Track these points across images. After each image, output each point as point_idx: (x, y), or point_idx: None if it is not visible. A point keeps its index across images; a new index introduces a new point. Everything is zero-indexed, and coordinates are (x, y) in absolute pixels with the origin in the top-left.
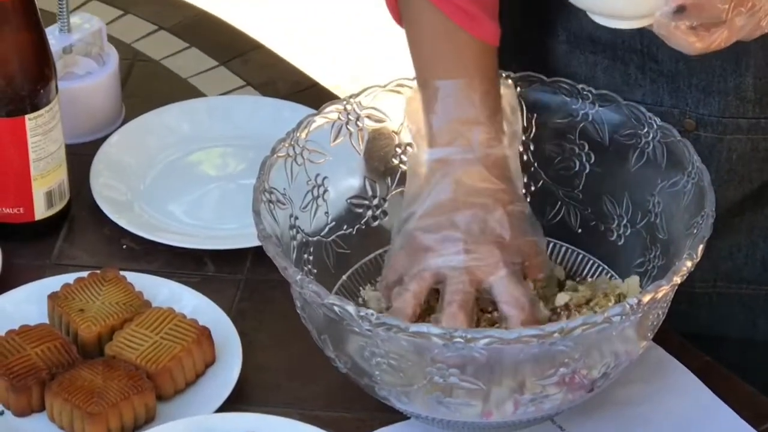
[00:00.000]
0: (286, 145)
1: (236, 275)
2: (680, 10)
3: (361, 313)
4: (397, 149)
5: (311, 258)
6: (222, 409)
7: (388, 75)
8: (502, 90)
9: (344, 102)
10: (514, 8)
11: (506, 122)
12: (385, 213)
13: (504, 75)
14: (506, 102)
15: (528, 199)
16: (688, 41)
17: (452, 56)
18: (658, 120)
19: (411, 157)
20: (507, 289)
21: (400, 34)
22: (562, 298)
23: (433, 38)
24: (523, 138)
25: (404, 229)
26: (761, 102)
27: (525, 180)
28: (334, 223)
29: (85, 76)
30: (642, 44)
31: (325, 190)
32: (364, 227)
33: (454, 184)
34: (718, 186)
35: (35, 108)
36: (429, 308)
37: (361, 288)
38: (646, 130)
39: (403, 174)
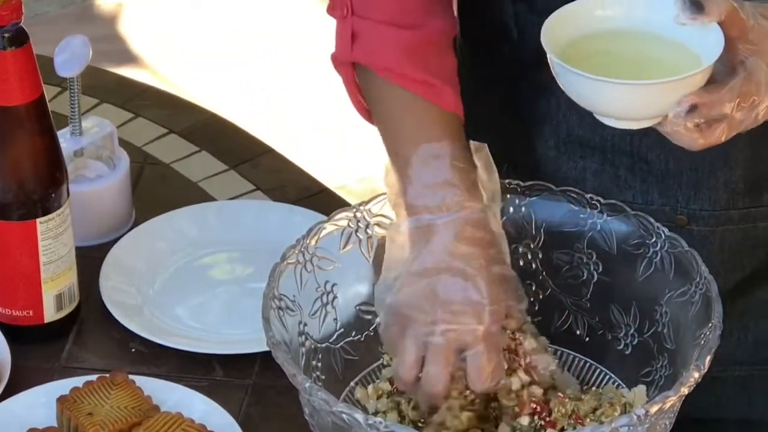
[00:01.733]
0: (296, 251)
1: (244, 380)
2: (692, 110)
3: (370, 422)
4: None
5: (320, 364)
6: None
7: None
8: (475, 152)
9: (354, 209)
10: (503, 115)
11: (482, 184)
12: None
13: (512, 184)
14: (481, 165)
15: (536, 307)
16: (692, 138)
17: (418, 124)
18: (666, 230)
19: (390, 227)
20: (478, 368)
21: None
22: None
23: (398, 111)
24: (531, 245)
25: (387, 302)
26: (751, 193)
27: (533, 288)
28: (342, 329)
29: (96, 180)
30: (632, 145)
31: (335, 297)
32: (372, 334)
33: (432, 251)
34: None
35: (46, 212)
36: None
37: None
38: (654, 239)
39: None
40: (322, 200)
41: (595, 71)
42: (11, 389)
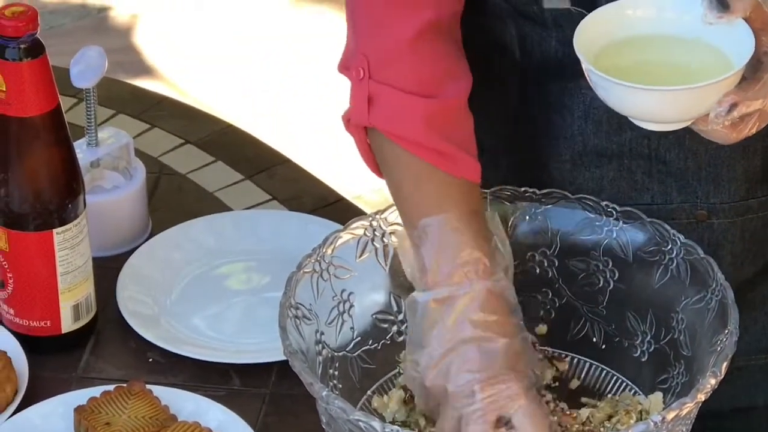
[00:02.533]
0: (312, 260)
1: (261, 389)
2: (732, 109)
3: (387, 430)
4: None
5: (336, 373)
6: None
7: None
8: (489, 223)
9: (370, 218)
10: (515, 137)
11: (498, 255)
12: None
13: (528, 192)
14: (495, 236)
15: (552, 315)
16: (725, 133)
17: (434, 195)
18: (681, 237)
19: (409, 301)
20: (530, 421)
21: None
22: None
23: (414, 181)
24: (547, 252)
25: (418, 380)
26: None
27: (549, 296)
28: (359, 338)
29: (112, 190)
30: (650, 148)
31: (351, 306)
32: (389, 342)
33: (457, 323)
34: (732, 266)
35: (63, 222)
36: None
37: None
38: (669, 247)
39: None
40: (339, 210)
41: (630, 77)
42: (29, 400)
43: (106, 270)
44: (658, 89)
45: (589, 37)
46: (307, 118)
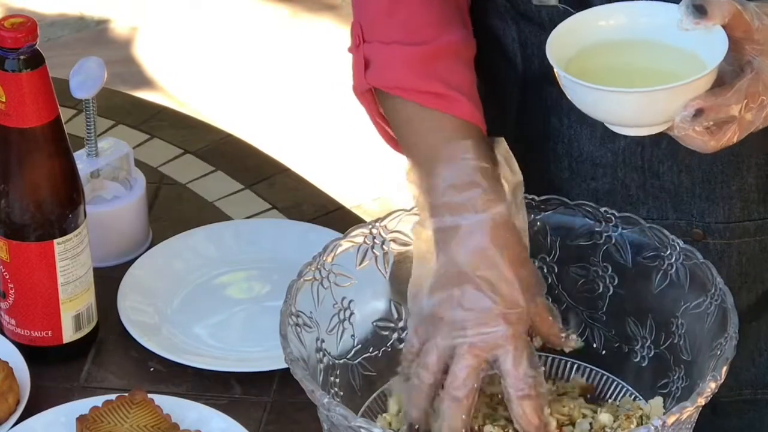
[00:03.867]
0: (313, 268)
1: (263, 397)
2: (698, 114)
3: None
4: None
5: (337, 380)
6: None
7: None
8: (495, 147)
9: (370, 226)
10: (515, 141)
11: (505, 178)
12: None
13: (527, 199)
14: (502, 159)
15: None
16: (703, 141)
17: (438, 132)
18: (681, 242)
19: (414, 229)
20: (512, 365)
21: None
22: (605, 417)
23: (417, 125)
24: (547, 259)
25: (414, 309)
26: (765, 201)
27: (549, 302)
28: (360, 345)
29: (113, 200)
30: (642, 159)
31: (351, 313)
32: (390, 349)
33: (459, 254)
34: (731, 291)
35: (64, 232)
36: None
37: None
38: (669, 252)
39: None
40: (339, 218)
41: (602, 82)
42: (31, 410)
43: (107, 280)
44: (623, 91)
45: (563, 43)
46: (306, 127)
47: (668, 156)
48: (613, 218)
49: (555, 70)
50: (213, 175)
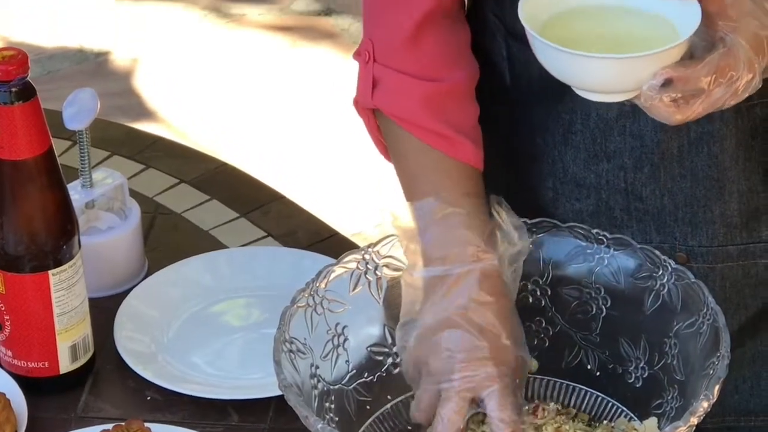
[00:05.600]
0: (306, 295)
1: (260, 424)
2: (667, 84)
3: None
4: None
5: (332, 406)
6: None
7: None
8: (503, 212)
9: (362, 251)
10: (502, 160)
11: (507, 239)
12: None
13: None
14: (509, 222)
15: (546, 344)
16: (669, 112)
17: (435, 177)
18: (672, 262)
19: (405, 273)
20: (498, 405)
21: None
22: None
23: (416, 162)
24: (540, 281)
25: (405, 349)
26: (747, 226)
27: (543, 324)
28: (354, 371)
29: (108, 231)
30: (626, 182)
31: (345, 339)
32: (384, 375)
33: (447, 303)
34: None
35: (58, 263)
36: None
37: None
38: (661, 272)
39: None
40: (334, 244)
41: (574, 46)
42: None
43: (103, 310)
44: (593, 56)
45: (536, 7)
46: (308, 155)
47: (651, 179)
48: (605, 240)
49: (527, 30)
50: (208, 204)
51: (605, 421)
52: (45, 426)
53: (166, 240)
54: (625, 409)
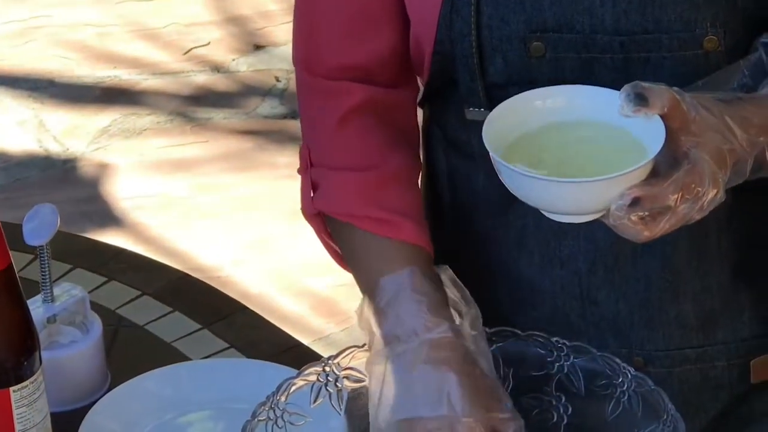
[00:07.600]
0: (267, 408)
1: None
2: (635, 203)
3: None
4: None
5: None
6: None
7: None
8: (449, 281)
9: (323, 363)
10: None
11: (458, 308)
12: None
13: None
14: (448, 280)
15: None
16: (637, 230)
17: (378, 261)
18: (632, 370)
19: (367, 368)
20: None
21: None
22: None
23: (360, 250)
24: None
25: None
26: (704, 328)
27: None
28: None
29: (70, 345)
30: (581, 287)
31: None
32: None
33: (402, 381)
34: None
35: (20, 380)
36: None
37: None
38: (621, 379)
39: None
40: (297, 355)
41: (539, 167)
42: None
43: (66, 425)
44: (560, 181)
45: (500, 128)
46: (273, 261)
47: (605, 283)
48: (564, 347)
49: (491, 154)
50: (170, 315)
51: None
52: None
53: (129, 353)
54: None
